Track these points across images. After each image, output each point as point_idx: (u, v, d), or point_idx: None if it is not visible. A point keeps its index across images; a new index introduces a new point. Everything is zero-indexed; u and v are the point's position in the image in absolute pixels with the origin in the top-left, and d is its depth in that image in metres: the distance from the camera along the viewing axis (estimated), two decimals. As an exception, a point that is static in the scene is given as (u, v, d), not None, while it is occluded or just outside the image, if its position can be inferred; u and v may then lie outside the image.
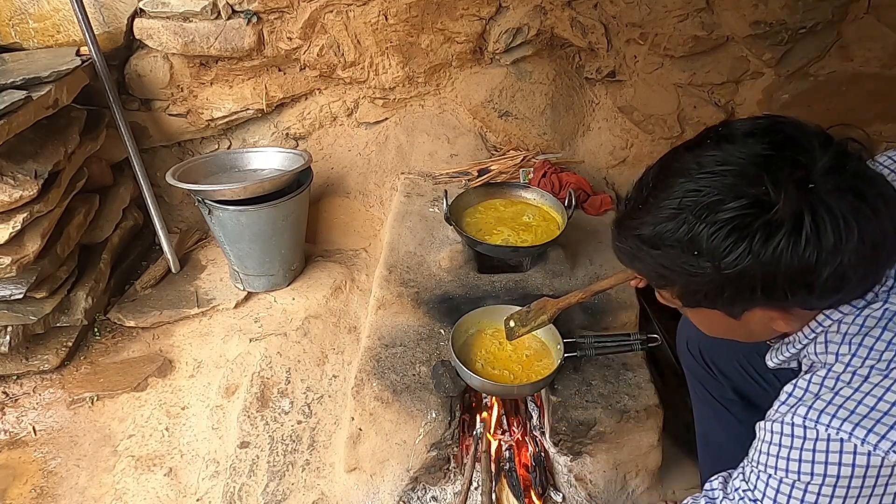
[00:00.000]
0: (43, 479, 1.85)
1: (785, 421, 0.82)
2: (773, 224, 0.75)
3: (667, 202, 0.82)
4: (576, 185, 2.35)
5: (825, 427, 0.77)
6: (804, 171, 0.76)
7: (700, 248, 0.79)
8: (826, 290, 0.79)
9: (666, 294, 0.94)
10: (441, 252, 2.07)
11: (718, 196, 0.78)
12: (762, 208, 0.76)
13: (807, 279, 0.77)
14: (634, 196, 0.90)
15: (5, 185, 1.87)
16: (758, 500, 0.85)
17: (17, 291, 2.00)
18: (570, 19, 2.44)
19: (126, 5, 2.34)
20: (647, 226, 0.84)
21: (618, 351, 1.68)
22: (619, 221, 0.92)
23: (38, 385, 2.14)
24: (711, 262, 0.79)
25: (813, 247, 0.75)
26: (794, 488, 0.80)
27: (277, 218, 2.29)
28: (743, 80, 2.48)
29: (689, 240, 0.80)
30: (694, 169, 0.82)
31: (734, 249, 0.77)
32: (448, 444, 1.61)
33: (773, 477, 0.83)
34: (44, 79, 2.00)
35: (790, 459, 0.80)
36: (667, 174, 0.85)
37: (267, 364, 2.13)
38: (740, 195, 0.77)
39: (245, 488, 1.77)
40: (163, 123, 2.63)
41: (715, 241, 0.78)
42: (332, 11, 2.41)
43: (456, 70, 2.65)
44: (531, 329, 1.59)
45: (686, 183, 0.81)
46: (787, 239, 0.75)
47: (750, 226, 0.76)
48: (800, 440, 0.80)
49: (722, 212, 0.77)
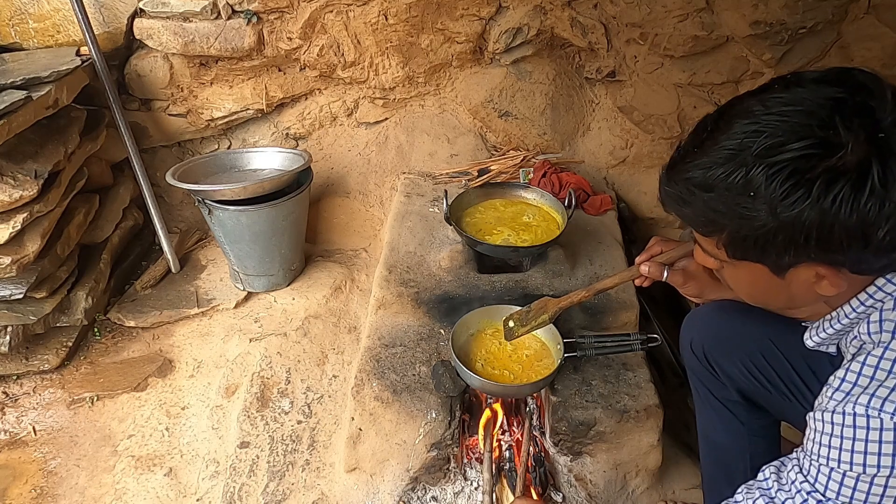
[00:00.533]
0: (43, 479, 1.85)
1: (846, 411, 0.78)
2: (837, 170, 0.72)
3: (725, 142, 0.79)
4: (576, 185, 2.35)
5: (890, 416, 0.74)
6: (875, 120, 0.73)
7: (757, 191, 0.76)
8: (883, 247, 0.75)
9: (709, 246, 0.90)
10: (441, 252, 2.07)
11: (782, 137, 0.75)
12: (827, 152, 0.72)
13: (865, 231, 0.74)
14: (690, 140, 0.87)
15: (5, 185, 1.87)
16: (819, 493, 0.81)
17: (17, 291, 2.00)
18: (570, 19, 2.44)
19: (126, 5, 2.34)
20: (701, 168, 0.81)
21: (618, 351, 1.68)
22: (670, 166, 0.88)
23: (38, 385, 2.14)
24: (767, 205, 0.76)
25: (877, 198, 0.72)
26: (860, 482, 0.77)
27: (277, 218, 2.29)
28: (743, 80, 2.48)
29: (745, 181, 0.77)
30: (759, 110, 0.78)
31: (792, 193, 0.74)
32: (448, 444, 1.61)
33: (836, 470, 0.79)
34: (44, 79, 2.00)
35: (854, 452, 0.77)
36: (727, 117, 0.82)
37: (267, 364, 2.13)
38: (805, 136, 0.74)
39: (245, 488, 1.77)
40: (163, 123, 2.63)
41: (774, 184, 0.75)
42: (332, 11, 2.41)
43: (456, 70, 2.65)
44: (531, 329, 1.57)
45: (748, 124, 0.78)
46: (851, 187, 0.71)
47: (812, 169, 0.73)
48: (863, 431, 0.76)
49: (784, 152, 0.74)
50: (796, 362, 1.23)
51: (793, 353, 1.24)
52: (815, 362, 1.21)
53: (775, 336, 1.26)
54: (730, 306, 1.32)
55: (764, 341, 1.26)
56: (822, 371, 1.20)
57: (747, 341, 1.28)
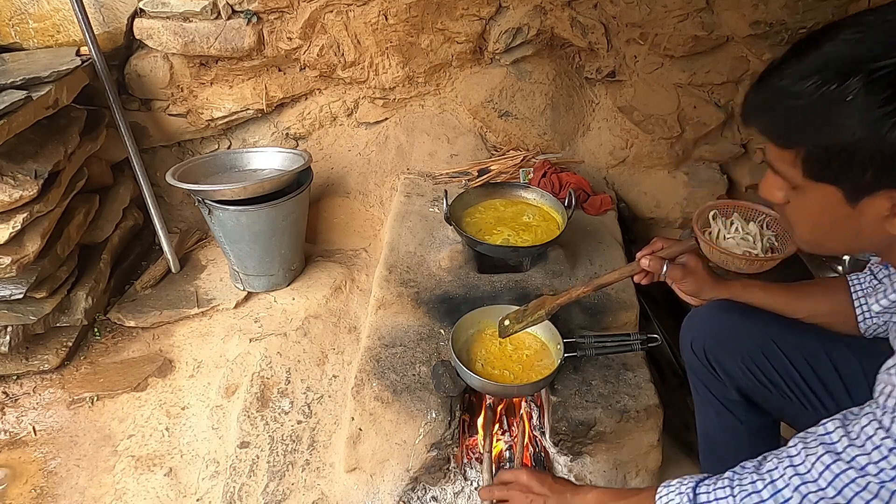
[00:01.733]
0: (43, 479, 1.85)
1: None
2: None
3: (827, 49, 0.75)
4: (576, 185, 2.35)
5: None
6: None
7: (851, 98, 0.72)
8: None
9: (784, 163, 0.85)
10: (441, 252, 2.07)
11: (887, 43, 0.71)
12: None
13: None
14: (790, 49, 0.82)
15: (5, 185, 1.87)
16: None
17: (17, 291, 2.00)
18: (570, 19, 2.44)
19: (126, 5, 2.34)
20: (795, 75, 0.77)
21: (618, 351, 1.67)
22: (763, 74, 0.84)
23: (38, 385, 2.14)
24: (859, 114, 0.72)
25: None
26: None
27: (277, 218, 2.29)
28: (743, 79, 2.48)
29: (840, 88, 0.72)
30: (869, 19, 0.75)
31: (888, 103, 0.70)
32: (448, 444, 1.61)
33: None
34: (44, 79, 2.00)
35: None
36: (837, 27, 0.78)
37: (267, 364, 2.13)
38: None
39: (245, 488, 1.77)
40: (163, 123, 2.63)
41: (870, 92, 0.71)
42: (332, 11, 2.41)
43: (456, 70, 2.65)
44: (527, 325, 1.55)
45: (854, 32, 0.74)
46: None
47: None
48: None
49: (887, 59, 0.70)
50: (797, 362, 1.23)
51: (794, 352, 1.24)
52: (817, 362, 1.22)
53: (776, 335, 1.26)
54: (730, 306, 1.33)
55: (765, 340, 1.26)
56: (825, 371, 1.21)
57: (748, 340, 1.28)
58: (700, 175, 2.66)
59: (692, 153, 2.67)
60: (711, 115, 2.53)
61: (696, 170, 2.68)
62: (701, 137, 2.61)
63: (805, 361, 1.22)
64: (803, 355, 1.22)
